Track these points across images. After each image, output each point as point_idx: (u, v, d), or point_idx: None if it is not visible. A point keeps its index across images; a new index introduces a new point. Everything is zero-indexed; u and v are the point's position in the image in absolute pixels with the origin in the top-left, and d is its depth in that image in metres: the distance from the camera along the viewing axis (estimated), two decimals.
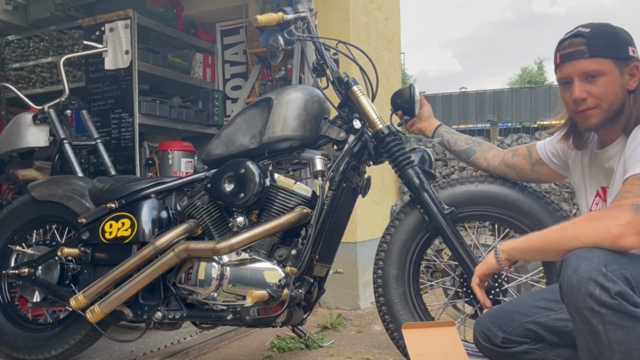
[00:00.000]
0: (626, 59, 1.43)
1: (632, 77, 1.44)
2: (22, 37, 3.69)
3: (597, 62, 1.43)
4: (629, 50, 1.44)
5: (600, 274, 1.17)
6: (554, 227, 1.36)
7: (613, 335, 1.18)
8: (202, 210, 2.02)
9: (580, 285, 1.19)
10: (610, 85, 1.43)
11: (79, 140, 2.78)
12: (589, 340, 1.22)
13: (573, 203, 3.88)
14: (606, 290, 1.17)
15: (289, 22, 1.95)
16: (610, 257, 1.21)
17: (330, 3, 3.30)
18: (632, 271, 1.21)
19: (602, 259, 1.20)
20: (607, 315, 1.17)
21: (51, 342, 2.23)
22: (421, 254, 1.99)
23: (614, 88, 1.44)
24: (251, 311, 1.86)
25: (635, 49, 1.44)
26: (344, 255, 3.07)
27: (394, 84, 4.13)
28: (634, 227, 1.22)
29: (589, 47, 1.43)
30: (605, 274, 1.17)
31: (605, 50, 1.43)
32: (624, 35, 1.46)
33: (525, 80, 26.08)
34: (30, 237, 2.43)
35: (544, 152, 1.80)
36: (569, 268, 1.22)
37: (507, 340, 1.40)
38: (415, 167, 1.90)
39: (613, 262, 1.20)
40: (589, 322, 1.19)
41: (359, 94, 1.94)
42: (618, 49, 1.44)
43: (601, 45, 1.43)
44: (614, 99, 1.44)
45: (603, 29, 1.46)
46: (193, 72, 3.89)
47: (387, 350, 2.45)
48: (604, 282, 1.17)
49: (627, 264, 1.21)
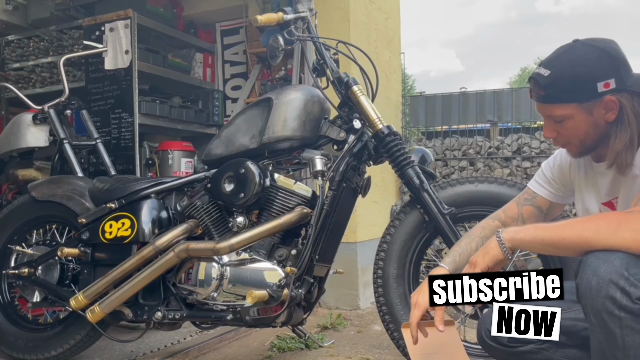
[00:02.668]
0: (593, 99, 1.34)
1: (609, 110, 1.35)
2: (22, 37, 3.69)
3: (558, 108, 1.38)
4: (598, 86, 1.33)
5: (622, 277, 1.15)
6: (568, 222, 1.30)
7: (629, 340, 1.16)
8: (202, 210, 2.02)
9: (601, 287, 1.16)
10: (577, 127, 1.39)
11: (79, 140, 2.78)
12: (604, 343, 1.20)
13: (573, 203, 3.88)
14: (627, 294, 1.15)
15: (289, 22, 1.95)
16: (632, 260, 1.18)
17: (330, 3, 3.30)
18: None
19: (623, 261, 1.17)
20: (626, 319, 1.15)
21: (51, 342, 2.23)
22: (421, 254, 1.99)
23: (582, 128, 1.39)
24: (251, 311, 1.86)
25: (610, 80, 1.32)
26: (344, 255, 3.06)
27: (394, 84, 4.13)
28: None
29: (547, 95, 1.38)
30: (627, 277, 1.15)
31: (566, 95, 1.36)
32: (591, 70, 1.34)
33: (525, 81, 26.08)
34: (30, 237, 2.42)
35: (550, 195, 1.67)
36: (588, 270, 1.19)
37: (514, 340, 1.38)
38: (415, 167, 1.90)
39: (635, 265, 1.17)
40: (606, 325, 1.17)
41: (359, 94, 1.94)
42: (581, 92, 1.35)
43: (560, 92, 1.36)
44: (585, 137, 1.40)
45: (565, 71, 1.36)
46: (193, 72, 3.89)
47: (387, 350, 2.45)
48: (625, 285, 1.15)
49: None
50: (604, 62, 1.34)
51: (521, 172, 4.00)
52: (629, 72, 1.36)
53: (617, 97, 1.34)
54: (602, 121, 1.37)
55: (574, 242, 1.26)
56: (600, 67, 1.34)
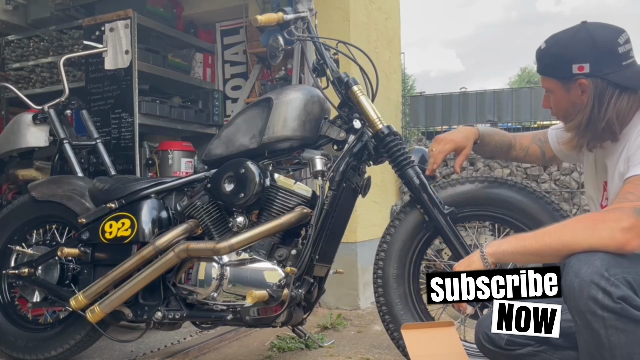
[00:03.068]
0: (568, 78, 1.43)
1: (584, 93, 1.42)
2: (22, 37, 3.69)
3: (545, 80, 1.50)
4: (573, 68, 1.41)
5: (602, 277, 1.17)
6: (547, 229, 1.33)
7: (614, 339, 1.18)
8: (202, 210, 2.02)
9: (583, 288, 1.19)
10: (559, 102, 1.49)
11: (79, 140, 2.77)
12: (590, 343, 1.22)
13: (573, 203, 3.88)
14: (608, 294, 1.17)
15: (289, 22, 1.95)
16: (612, 260, 1.21)
17: (330, 3, 3.30)
18: (635, 274, 1.20)
19: (604, 262, 1.19)
20: (609, 319, 1.17)
21: (51, 342, 2.23)
22: (421, 254, 1.99)
23: (563, 104, 1.48)
24: (251, 311, 1.86)
25: (584, 64, 1.40)
26: (344, 255, 3.06)
27: (394, 84, 4.13)
28: (637, 231, 1.21)
29: (538, 65, 1.52)
30: (607, 277, 1.17)
31: (548, 70, 1.49)
32: (571, 51, 1.42)
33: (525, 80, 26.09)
34: (30, 237, 2.42)
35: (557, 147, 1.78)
36: (570, 271, 1.22)
37: (511, 342, 1.39)
38: (415, 167, 1.90)
39: (615, 265, 1.20)
40: (591, 325, 1.19)
41: (358, 94, 1.94)
42: (558, 69, 1.45)
43: (545, 65, 1.50)
44: (566, 113, 1.49)
45: (551, 48, 1.47)
46: (193, 72, 3.89)
47: (387, 350, 2.45)
48: (606, 286, 1.17)
49: (629, 267, 1.21)
50: (586, 46, 1.41)
51: (521, 172, 4.00)
52: (613, 61, 1.40)
53: (589, 82, 1.40)
54: (579, 101, 1.44)
55: (555, 247, 1.28)
56: (580, 51, 1.42)
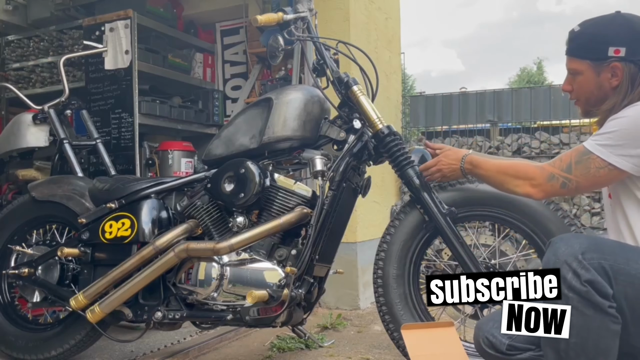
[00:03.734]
0: (601, 60, 1.45)
1: (614, 76, 1.45)
2: (22, 37, 3.69)
3: (574, 61, 1.52)
4: (609, 50, 1.44)
5: (575, 260, 1.23)
6: (503, 162, 1.64)
7: (574, 320, 1.23)
8: (202, 210, 2.02)
9: (556, 267, 1.25)
10: (585, 84, 1.50)
11: (79, 140, 2.78)
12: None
13: (573, 203, 3.88)
14: (577, 276, 1.22)
15: (289, 22, 1.95)
16: (592, 245, 1.27)
17: (330, 3, 3.30)
18: (613, 262, 1.25)
19: (582, 245, 1.25)
20: (573, 299, 1.23)
21: (51, 342, 2.23)
22: (421, 254, 1.99)
23: (589, 86, 1.50)
24: (251, 311, 1.86)
25: (621, 48, 1.43)
26: (344, 255, 3.06)
27: (394, 84, 4.13)
28: (542, 190, 1.51)
29: (570, 46, 1.52)
30: (580, 260, 1.23)
31: (580, 51, 1.50)
32: (609, 33, 1.45)
33: (525, 81, 26.07)
34: (30, 237, 2.42)
35: None
36: (550, 250, 1.29)
37: (512, 347, 1.39)
38: (415, 167, 1.90)
39: (594, 250, 1.25)
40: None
41: (359, 94, 1.94)
42: (593, 50, 1.46)
43: (577, 46, 1.50)
44: (590, 96, 1.51)
45: (587, 29, 1.49)
46: (193, 72, 3.89)
47: (387, 350, 2.45)
48: (577, 268, 1.23)
49: (609, 254, 1.26)
50: (623, 30, 1.44)
51: None
52: None
53: (623, 66, 1.43)
54: (607, 85, 1.46)
55: (495, 182, 1.65)
56: (617, 34, 1.44)
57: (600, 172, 1.40)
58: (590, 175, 1.42)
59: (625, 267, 1.26)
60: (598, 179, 1.42)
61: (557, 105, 4.67)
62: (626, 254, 1.29)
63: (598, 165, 1.40)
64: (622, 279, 1.25)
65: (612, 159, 1.38)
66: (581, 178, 1.44)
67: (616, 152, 1.38)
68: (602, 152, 1.39)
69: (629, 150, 1.36)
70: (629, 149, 1.36)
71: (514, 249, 1.96)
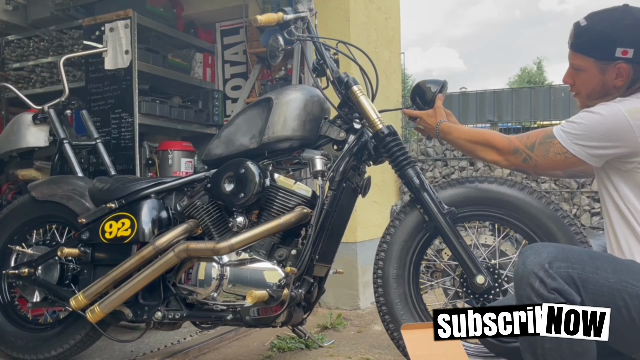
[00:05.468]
0: (608, 60, 1.44)
1: (619, 77, 1.45)
2: (22, 37, 3.69)
3: (579, 57, 1.50)
4: (617, 51, 1.42)
5: (542, 269, 1.26)
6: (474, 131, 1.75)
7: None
8: (202, 210, 2.02)
9: (524, 276, 1.28)
10: (588, 81, 1.50)
11: (79, 140, 2.78)
12: None
13: (573, 203, 3.88)
14: (544, 284, 1.25)
15: (289, 22, 1.95)
16: (560, 254, 1.29)
17: (330, 3, 3.30)
18: (581, 271, 1.28)
19: (550, 254, 1.28)
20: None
21: (51, 342, 2.23)
22: (421, 254, 1.99)
23: (591, 84, 1.50)
24: (251, 311, 1.86)
25: (629, 49, 1.41)
26: (344, 255, 3.07)
27: (394, 84, 4.13)
28: (506, 159, 1.60)
29: (575, 42, 1.50)
30: (546, 269, 1.26)
31: (587, 48, 1.48)
32: (618, 34, 1.43)
33: (525, 81, 26.08)
34: (30, 237, 2.42)
35: None
36: (520, 259, 1.32)
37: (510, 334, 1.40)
38: (415, 167, 1.91)
39: (562, 259, 1.28)
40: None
41: (358, 94, 1.94)
42: (600, 50, 1.45)
43: (584, 42, 1.48)
44: (591, 92, 1.51)
45: (595, 26, 1.46)
46: (193, 72, 3.89)
47: (387, 350, 2.45)
48: (543, 276, 1.26)
49: (577, 263, 1.28)
50: (633, 31, 1.42)
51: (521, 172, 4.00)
52: None
53: (630, 67, 1.43)
54: (611, 84, 1.47)
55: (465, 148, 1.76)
56: (626, 34, 1.42)
57: (558, 157, 1.48)
58: (549, 158, 1.49)
59: (594, 276, 1.28)
60: (555, 162, 1.49)
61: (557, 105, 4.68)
62: (595, 263, 1.30)
63: (557, 150, 1.47)
64: (591, 288, 1.27)
65: (570, 147, 1.44)
66: (540, 159, 1.52)
67: (575, 141, 1.44)
68: (563, 138, 1.45)
69: (588, 142, 1.42)
70: (588, 141, 1.42)
71: (514, 249, 1.96)
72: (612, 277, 1.29)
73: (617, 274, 1.29)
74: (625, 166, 1.42)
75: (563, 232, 1.79)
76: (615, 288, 1.28)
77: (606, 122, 1.39)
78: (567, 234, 1.78)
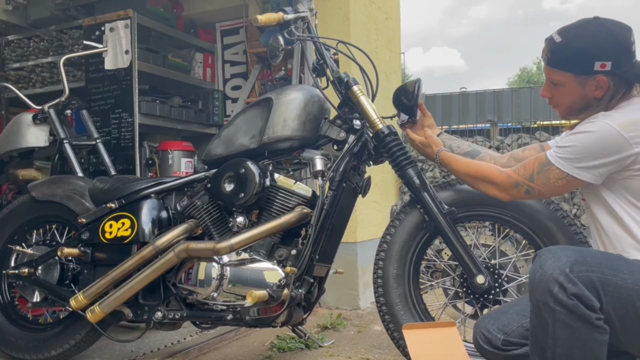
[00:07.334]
0: (587, 74, 1.45)
1: (598, 88, 1.45)
2: (22, 37, 3.69)
3: (557, 73, 1.51)
4: (595, 65, 1.43)
5: (562, 274, 1.25)
6: (471, 165, 1.71)
7: (559, 332, 1.25)
8: (202, 210, 2.02)
9: (542, 280, 1.27)
10: (567, 95, 1.51)
11: (79, 140, 2.77)
12: (538, 330, 1.29)
13: (573, 203, 3.88)
14: (564, 290, 1.24)
15: (289, 22, 1.95)
16: (579, 258, 1.28)
17: (330, 3, 3.30)
18: (600, 274, 1.27)
19: (570, 259, 1.27)
20: (560, 312, 1.24)
21: (51, 342, 2.23)
22: (421, 254, 1.99)
23: (571, 97, 1.51)
24: (251, 311, 1.86)
25: (607, 62, 1.42)
26: (344, 255, 3.06)
27: (394, 84, 4.12)
28: (508, 194, 1.60)
29: (552, 58, 1.50)
30: (567, 274, 1.25)
31: (564, 64, 1.48)
32: (595, 48, 1.43)
33: (525, 81, 26.09)
34: (30, 237, 2.42)
35: None
36: (537, 262, 1.31)
37: (508, 343, 1.41)
38: (415, 167, 1.91)
39: (581, 263, 1.27)
40: (542, 314, 1.27)
41: (359, 94, 1.94)
42: (578, 65, 1.45)
43: (561, 59, 1.48)
44: (572, 105, 1.52)
45: (572, 42, 1.46)
46: (193, 72, 3.89)
47: (387, 350, 2.45)
48: (564, 282, 1.24)
49: (596, 266, 1.27)
50: (609, 44, 1.43)
51: None
52: (630, 59, 1.44)
53: (609, 79, 1.44)
54: (591, 95, 1.47)
55: (464, 181, 1.77)
56: (603, 48, 1.43)
57: (559, 182, 1.48)
58: (551, 185, 1.49)
59: (613, 278, 1.27)
60: (558, 188, 1.49)
61: None
62: (612, 264, 1.30)
63: (557, 176, 1.47)
64: (611, 290, 1.27)
65: (572, 171, 1.44)
66: (542, 187, 1.51)
67: (575, 165, 1.43)
68: (562, 164, 1.46)
69: (587, 162, 1.42)
70: (587, 161, 1.41)
71: (514, 249, 1.96)
72: (629, 278, 1.28)
73: (633, 274, 1.29)
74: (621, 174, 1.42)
75: (563, 232, 1.79)
76: (633, 289, 1.27)
77: (600, 139, 1.39)
78: (567, 234, 1.78)
